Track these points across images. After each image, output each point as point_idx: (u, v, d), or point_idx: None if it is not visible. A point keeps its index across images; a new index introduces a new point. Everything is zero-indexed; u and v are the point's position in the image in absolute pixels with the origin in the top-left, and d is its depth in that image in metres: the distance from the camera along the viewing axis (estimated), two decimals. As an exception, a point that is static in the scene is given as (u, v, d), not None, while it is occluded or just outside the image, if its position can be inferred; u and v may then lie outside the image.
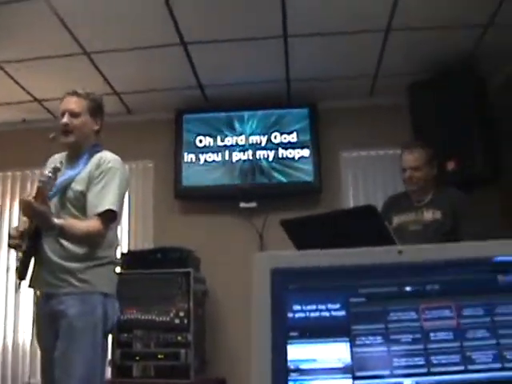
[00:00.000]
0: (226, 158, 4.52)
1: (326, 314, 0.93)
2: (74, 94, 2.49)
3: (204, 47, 3.84)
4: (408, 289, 0.95)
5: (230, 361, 4.08)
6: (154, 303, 3.75)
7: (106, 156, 2.46)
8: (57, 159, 2.52)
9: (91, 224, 2.30)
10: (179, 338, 3.68)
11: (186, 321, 3.70)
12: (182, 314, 3.71)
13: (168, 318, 3.72)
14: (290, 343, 0.90)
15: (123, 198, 2.48)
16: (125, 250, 4.29)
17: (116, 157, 2.49)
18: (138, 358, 3.69)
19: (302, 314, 0.93)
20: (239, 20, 3.55)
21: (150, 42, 3.78)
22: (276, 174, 4.46)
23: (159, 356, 3.67)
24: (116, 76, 4.26)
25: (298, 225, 1.99)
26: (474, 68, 3.97)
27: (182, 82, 4.37)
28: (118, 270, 2.56)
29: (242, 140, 4.55)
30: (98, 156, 2.45)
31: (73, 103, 2.46)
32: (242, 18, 3.52)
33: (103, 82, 4.28)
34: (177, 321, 3.71)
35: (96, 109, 2.53)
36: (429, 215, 2.96)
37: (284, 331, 0.91)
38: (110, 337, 2.48)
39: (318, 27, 3.64)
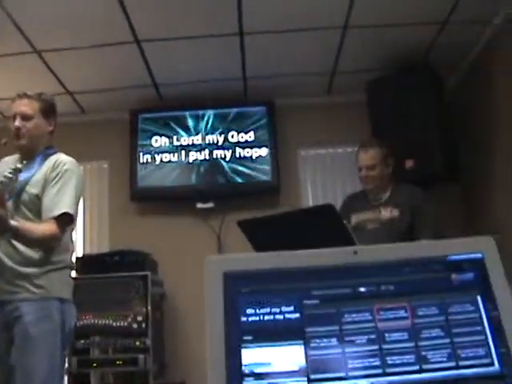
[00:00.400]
0: (183, 158, 4.46)
1: (280, 316, 0.93)
2: (25, 96, 2.43)
3: (158, 45, 3.78)
4: (362, 290, 0.95)
5: (190, 364, 4.03)
6: (111, 308, 3.67)
7: (62, 158, 2.42)
8: (8, 162, 2.45)
9: (47, 227, 2.25)
10: (137, 343, 3.60)
11: (144, 325, 3.63)
12: (139, 318, 3.64)
13: (126, 323, 3.64)
14: (245, 347, 0.89)
15: (79, 201, 2.44)
16: (80, 254, 4.19)
17: (72, 159, 2.45)
18: (95, 364, 3.60)
19: (255, 318, 0.93)
20: (194, 17, 3.50)
21: (102, 40, 3.70)
22: (233, 174, 4.42)
23: (117, 362, 3.58)
24: (69, 75, 4.16)
25: (256, 225, 1.97)
26: (432, 65, 4.02)
27: (136, 81, 4.30)
28: (73, 274, 2.51)
29: (198, 140, 4.50)
30: (53, 158, 2.41)
31: (24, 106, 2.40)
32: (196, 14, 3.47)
33: (56, 82, 4.18)
34: (135, 325, 3.63)
35: (49, 109, 2.48)
36: (386, 213, 2.98)
37: (238, 335, 0.90)
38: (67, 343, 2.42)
39: (275, 24, 3.63)
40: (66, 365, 3.27)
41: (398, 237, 2.78)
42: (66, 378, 3.46)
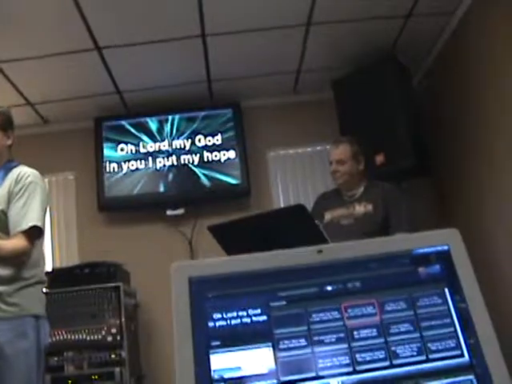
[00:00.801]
0: (150, 165, 4.40)
1: (247, 320, 0.93)
2: None
3: (120, 51, 3.72)
4: (329, 288, 0.94)
5: (167, 373, 3.97)
6: (84, 322, 3.59)
7: (25, 171, 2.39)
8: None
9: (16, 242, 2.22)
10: (113, 355, 3.53)
11: (118, 337, 3.56)
12: (114, 330, 3.57)
13: (100, 336, 3.57)
14: (213, 353, 0.89)
15: (46, 213, 2.41)
16: (49, 269, 4.09)
17: (34, 171, 2.42)
18: (70, 381, 3.50)
19: (223, 322, 0.92)
20: (155, 21, 3.46)
21: (62, 48, 3.63)
22: (202, 179, 4.37)
23: (93, 377, 3.50)
24: (29, 86, 4.06)
25: (227, 229, 1.96)
26: (399, 60, 4.02)
27: (99, 89, 4.23)
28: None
29: (165, 145, 4.44)
30: (15, 171, 2.38)
31: None
32: (157, 18, 3.43)
33: (16, 93, 4.08)
34: (109, 338, 3.56)
35: (6, 123, 2.45)
36: (360, 209, 2.99)
37: (206, 341, 0.90)
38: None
39: (237, 24, 3.61)
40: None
41: (373, 232, 2.77)
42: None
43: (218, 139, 4.44)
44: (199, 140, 4.45)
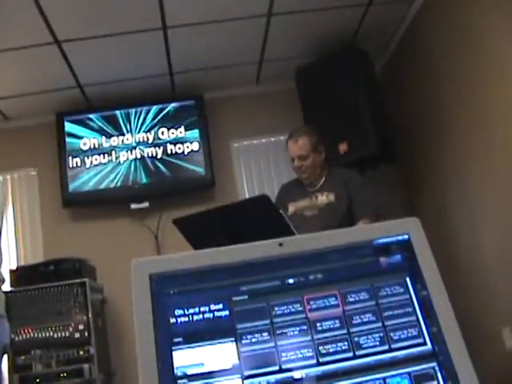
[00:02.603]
0: (113, 159, 4.35)
1: (210, 315, 0.92)
2: None
3: (80, 45, 3.65)
4: (291, 281, 0.94)
5: (137, 370, 3.94)
6: (51, 319, 3.54)
7: None
8: None
9: None
10: (81, 352, 3.49)
11: (86, 333, 3.52)
12: (81, 326, 3.53)
13: (67, 333, 3.52)
14: (175, 349, 0.88)
15: (3, 210, 2.36)
16: (14, 267, 4.02)
17: None
18: (38, 380, 3.45)
19: (185, 319, 0.91)
20: (114, 13, 3.40)
21: (20, 43, 3.54)
22: (166, 172, 4.34)
23: (62, 375, 3.46)
24: (-14, 81, 3.96)
25: (192, 222, 1.96)
26: (361, 48, 4.05)
27: (60, 83, 4.14)
28: (5, 287, 2.41)
29: (128, 139, 4.39)
30: None
31: None
32: (116, 11, 3.37)
33: (-27, 89, 3.98)
34: (77, 335, 3.52)
35: None
36: (323, 199, 2.98)
37: (168, 338, 0.88)
38: (3, 361, 2.36)
39: (198, 16, 3.58)
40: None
41: (337, 221, 2.78)
42: (6, 397, 3.34)
43: (181, 131, 4.41)
44: (162, 133, 4.41)
